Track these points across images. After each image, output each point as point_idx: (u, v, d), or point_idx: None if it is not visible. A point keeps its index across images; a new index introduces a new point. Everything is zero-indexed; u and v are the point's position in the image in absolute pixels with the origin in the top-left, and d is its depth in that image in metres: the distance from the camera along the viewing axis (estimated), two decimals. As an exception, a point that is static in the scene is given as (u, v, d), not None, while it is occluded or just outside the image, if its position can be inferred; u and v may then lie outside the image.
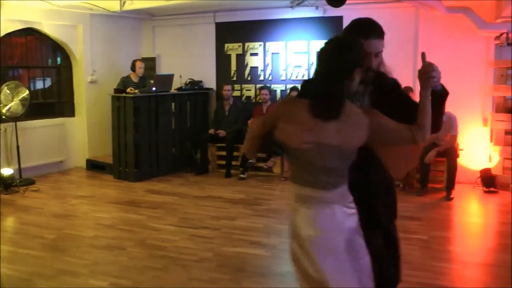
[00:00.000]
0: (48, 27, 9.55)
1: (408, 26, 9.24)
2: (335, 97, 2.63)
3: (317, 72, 2.72)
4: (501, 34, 8.44)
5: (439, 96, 2.81)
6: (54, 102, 10.27)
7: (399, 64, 3.50)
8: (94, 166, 10.13)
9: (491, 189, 8.47)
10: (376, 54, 2.87)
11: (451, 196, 8.08)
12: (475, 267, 5.35)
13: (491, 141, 8.97)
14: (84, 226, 6.55)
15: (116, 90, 9.48)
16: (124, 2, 9.43)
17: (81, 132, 10.32)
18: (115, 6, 9.55)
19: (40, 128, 9.53)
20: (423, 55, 2.93)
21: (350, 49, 2.64)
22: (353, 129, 2.65)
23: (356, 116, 2.66)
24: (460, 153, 8.71)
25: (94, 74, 10.30)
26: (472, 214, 7.71)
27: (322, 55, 2.69)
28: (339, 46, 2.66)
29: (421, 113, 2.72)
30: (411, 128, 2.71)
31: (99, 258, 5.37)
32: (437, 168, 8.64)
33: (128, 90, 9.32)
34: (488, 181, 8.51)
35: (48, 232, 6.26)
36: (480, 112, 9.00)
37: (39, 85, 10.06)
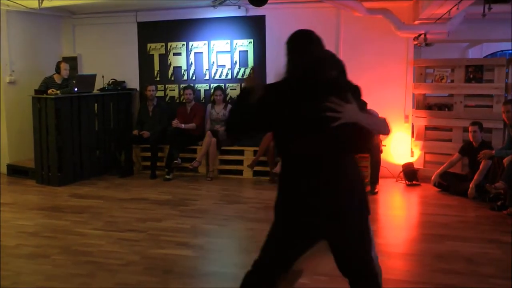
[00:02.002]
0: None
1: (329, 26, 9.37)
2: None
3: None
4: (419, 35, 8.71)
5: None
6: (-30, 105, 9.90)
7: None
8: (15, 171, 9.83)
9: (414, 182, 8.73)
10: None
11: (376, 190, 8.28)
12: (400, 257, 5.52)
13: (412, 136, 9.27)
14: (5, 235, 6.30)
15: (37, 91, 9.22)
16: (43, -1, 9.23)
17: (1, 136, 9.97)
18: (33, 3, 9.29)
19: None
20: (253, 69, 3.18)
21: None
22: None
23: None
24: (383, 148, 8.93)
25: (13, 75, 9.94)
26: (396, 207, 7.93)
27: None
28: None
29: None
30: None
31: (22, 268, 5.20)
32: (361, 163, 8.80)
33: (50, 91, 9.08)
34: (411, 174, 8.76)
35: (-34, 243, 6.04)
36: (402, 109, 9.26)
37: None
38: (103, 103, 9.99)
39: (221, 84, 10.09)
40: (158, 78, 10.62)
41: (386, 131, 3.11)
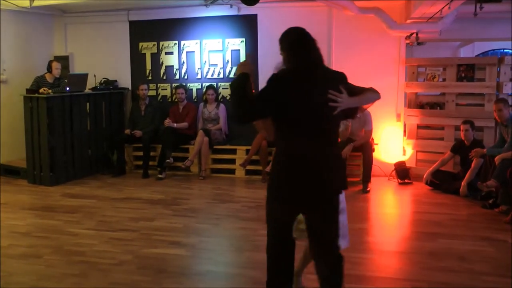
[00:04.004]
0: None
1: (321, 25, 9.36)
2: None
3: None
4: (411, 34, 8.75)
5: None
6: (-40, 104, 9.82)
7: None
8: (7, 171, 9.77)
9: (406, 180, 8.74)
10: None
11: (368, 189, 8.29)
12: (392, 256, 5.55)
13: (404, 135, 9.29)
14: (-3, 235, 6.31)
15: (28, 91, 9.13)
16: (34, -2, 9.19)
17: (-8, 135, 9.90)
18: (24, 2, 9.24)
19: None
20: (248, 55, 3.54)
21: None
22: None
23: None
24: (375, 147, 8.96)
25: (4, 74, 9.89)
26: (388, 205, 7.95)
27: None
28: None
29: None
30: None
31: (14, 268, 5.17)
32: (354, 162, 8.84)
33: (41, 90, 9.02)
34: (403, 173, 8.78)
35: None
36: (394, 108, 9.27)
37: None
38: (95, 103, 9.95)
39: (213, 83, 10.08)
40: (150, 77, 10.59)
41: (375, 99, 3.77)
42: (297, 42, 3.46)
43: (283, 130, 3.41)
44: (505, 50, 12.41)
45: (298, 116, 3.29)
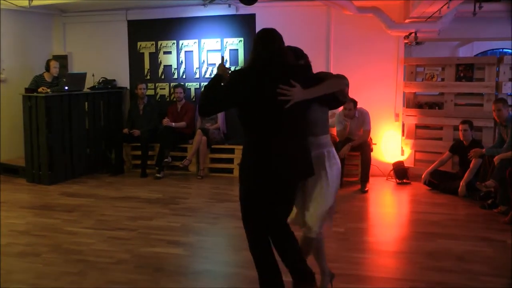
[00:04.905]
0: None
1: (320, 24, 9.39)
2: None
3: None
4: (410, 34, 8.73)
5: None
6: (-40, 103, 9.79)
7: (312, 62, 3.71)
8: (6, 170, 9.76)
9: (404, 180, 8.73)
10: None
11: (366, 188, 8.29)
12: (390, 255, 5.53)
13: (403, 135, 9.27)
14: (-5, 233, 6.30)
15: (27, 90, 9.13)
16: (33, -3, 9.18)
17: (-9, 134, 9.88)
18: (23, 1, 9.22)
19: None
20: (222, 58, 4.08)
21: None
22: None
23: None
24: (374, 147, 8.95)
25: (3, 73, 9.89)
26: (386, 205, 7.95)
27: None
28: None
29: None
30: None
31: (12, 266, 5.17)
32: (352, 162, 8.84)
33: (40, 89, 9.03)
34: (401, 173, 8.77)
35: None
36: (392, 107, 9.26)
37: None
38: (94, 102, 9.94)
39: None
40: (148, 77, 10.59)
41: (338, 86, 3.76)
42: (259, 41, 3.77)
43: (245, 124, 3.66)
44: (504, 50, 12.40)
45: (254, 110, 3.56)
